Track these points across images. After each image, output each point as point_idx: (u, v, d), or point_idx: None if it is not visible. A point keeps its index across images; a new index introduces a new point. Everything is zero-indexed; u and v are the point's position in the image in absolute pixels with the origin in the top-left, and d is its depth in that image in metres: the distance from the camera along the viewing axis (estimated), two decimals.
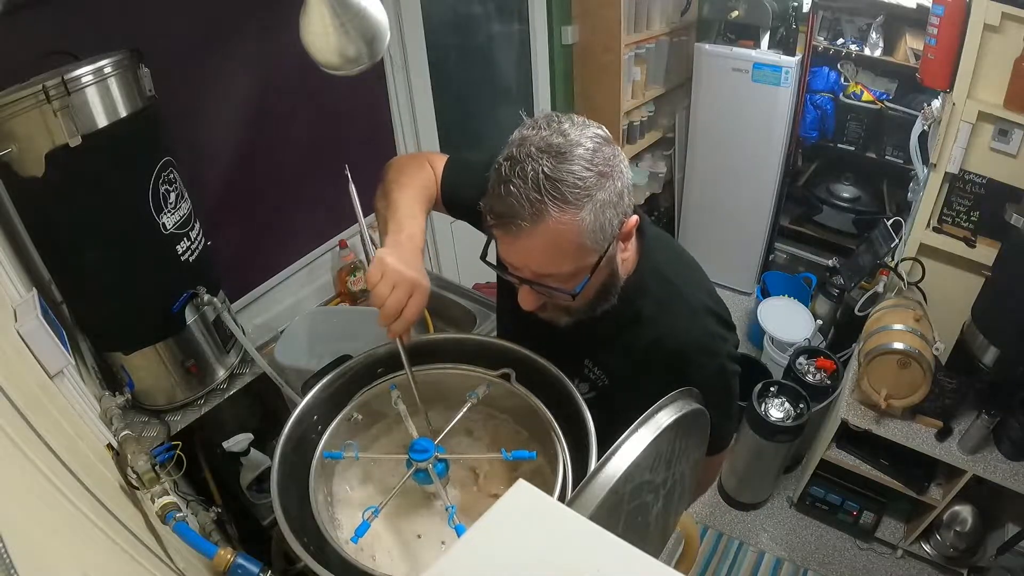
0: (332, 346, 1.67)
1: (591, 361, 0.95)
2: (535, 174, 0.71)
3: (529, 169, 0.71)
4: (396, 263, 0.78)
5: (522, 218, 0.72)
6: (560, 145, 0.73)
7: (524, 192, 0.71)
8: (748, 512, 2.49)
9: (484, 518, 0.53)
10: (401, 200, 0.91)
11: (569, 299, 0.80)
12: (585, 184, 0.72)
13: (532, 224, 0.72)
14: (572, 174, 0.72)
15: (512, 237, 0.75)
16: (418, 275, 0.79)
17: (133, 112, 1.04)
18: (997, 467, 1.88)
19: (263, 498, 1.35)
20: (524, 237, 0.74)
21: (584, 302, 0.84)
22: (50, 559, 0.51)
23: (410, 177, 0.96)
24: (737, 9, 2.68)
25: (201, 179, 1.40)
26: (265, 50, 1.54)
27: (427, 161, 1.03)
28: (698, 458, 0.92)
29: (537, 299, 0.84)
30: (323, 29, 0.89)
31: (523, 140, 0.75)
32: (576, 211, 0.72)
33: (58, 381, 0.90)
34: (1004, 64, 1.76)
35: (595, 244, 0.77)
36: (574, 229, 0.73)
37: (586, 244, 0.76)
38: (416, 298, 0.79)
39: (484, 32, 2.34)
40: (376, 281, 0.78)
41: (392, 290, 0.77)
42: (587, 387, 0.97)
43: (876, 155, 2.80)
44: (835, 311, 2.63)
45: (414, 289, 0.78)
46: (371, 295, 0.78)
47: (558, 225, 0.72)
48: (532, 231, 0.73)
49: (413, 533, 0.84)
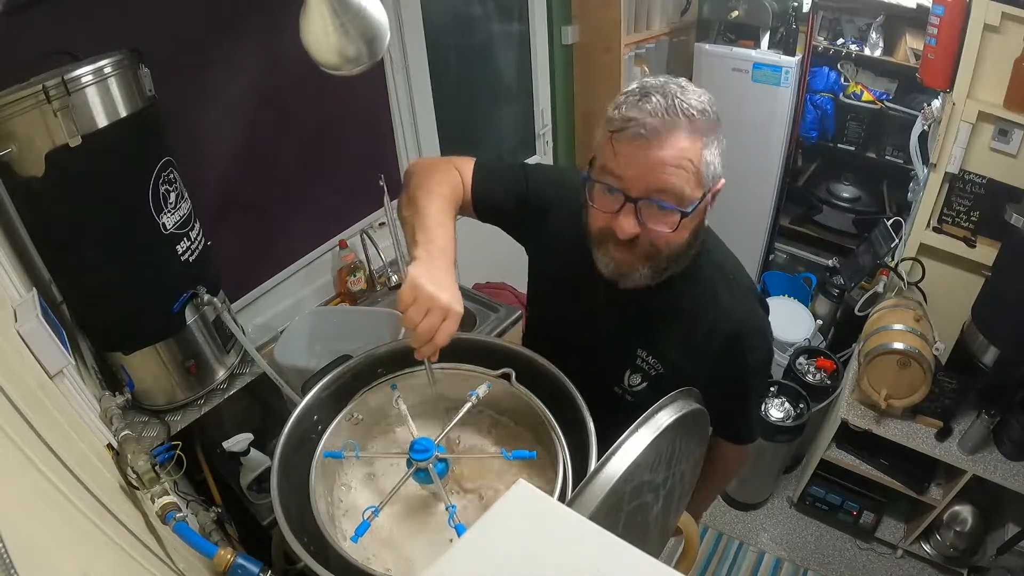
0: (332, 346, 1.67)
1: (645, 351, 0.96)
2: (671, 94, 0.77)
3: (665, 90, 0.78)
4: (430, 285, 0.75)
5: (658, 124, 0.76)
6: (684, 86, 0.80)
7: (661, 104, 0.76)
8: (748, 512, 2.49)
9: (484, 518, 0.53)
10: (430, 207, 0.89)
11: (675, 224, 0.80)
12: (708, 117, 0.78)
13: (665, 133, 0.76)
14: (700, 103, 0.78)
15: (640, 144, 0.77)
16: (451, 299, 0.76)
17: (133, 112, 1.04)
18: (997, 467, 1.88)
19: (263, 498, 1.35)
20: (653, 146, 0.77)
21: (675, 248, 0.85)
22: (50, 559, 0.51)
23: (437, 183, 0.94)
24: (737, 9, 2.68)
25: (201, 179, 1.40)
26: (265, 50, 1.54)
27: (452, 165, 1.00)
28: (699, 457, 0.93)
29: (636, 225, 0.82)
30: (323, 29, 0.89)
31: (646, 81, 0.81)
32: (699, 137, 0.78)
33: (58, 381, 0.90)
34: (1004, 64, 1.76)
35: (704, 178, 0.80)
36: (696, 152, 0.78)
37: (701, 173, 0.79)
38: (448, 324, 0.76)
39: (484, 32, 2.34)
40: (408, 304, 0.75)
41: (425, 316, 0.75)
42: (639, 378, 0.97)
43: (876, 155, 2.80)
44: (835, 311, 2.63)
45: (447, 315, 0.76)
46: (402, 316, 0.76)
47: (686, 142, 0.77)
48: (662, 140, 0.76)
49: (413, 533, 0.84)
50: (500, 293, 2.16)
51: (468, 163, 1.02)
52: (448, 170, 0.98)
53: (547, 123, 2.68)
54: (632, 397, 0.98)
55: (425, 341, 0.76)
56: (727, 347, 0.92)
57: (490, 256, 2.29)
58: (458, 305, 0.77)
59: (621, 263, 0.87)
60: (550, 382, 0.89)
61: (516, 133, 2.62)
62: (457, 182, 0.98)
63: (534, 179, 1.02)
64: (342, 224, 1.94)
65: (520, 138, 2.63)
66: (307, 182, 1.79)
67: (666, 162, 0.77)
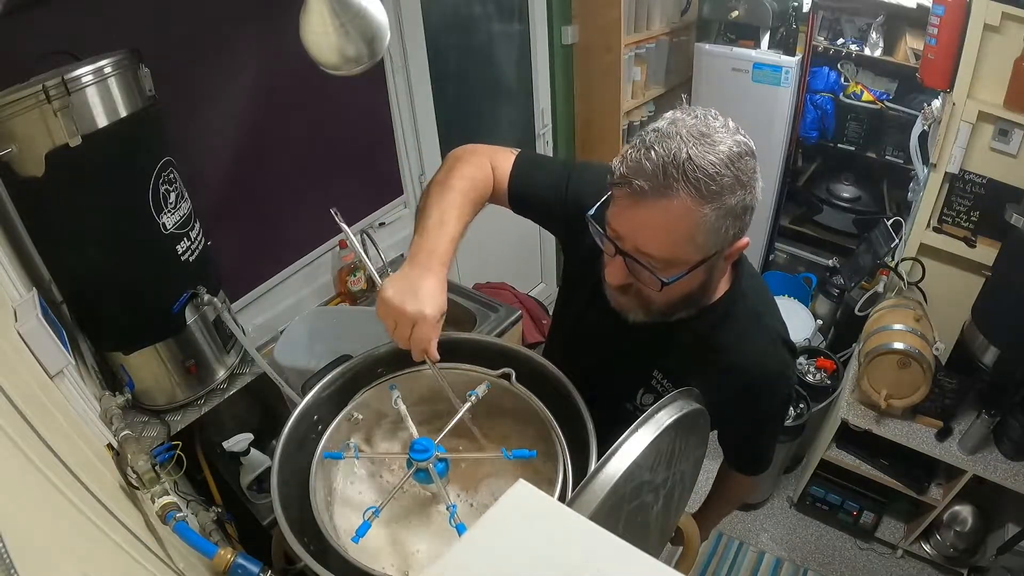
0: (332, 346, 1.67)
1: (661, 373, 0.94)
2: (678, 151, 0.70)
3: (673, 145, 0.71)
4: (395, 296, 0.77)
5: (651, 186, 0.71)
6: (710, 137, 0.72)
7: (663, 163, 0.70)
8: (748, 512, 2.49)
9: (484, 518, 0.53)
10: (435, 207, 0.88)
11: (657, 287, 0.78)
12: (720, 181, 0.71)
13: (656, 196, 0.71)
14: (713, 166, 0.70)
15: (631, 202, 0.74)
16: (419, 306, 0.77)
17: (133, 112, 1.04)
18: (997, 467, 1.88)
19: (263, 498, 1.35)
20: (644, 207, 0.73)
21: (666, 301, 0.83)
22: (50, 559, 0.51)
23: (459, 177, 0.92)
24: (737, 9, 2.68)
25: (201, 179, 1.40)
26: (265, 50, 1.54)
27: (488, 156, 0.98)
28: (699, 457, 0.93)
29: (626, 276, 0.81)
30: (323, 29, 0.89)
31: (675, 120, 0.74)
32: (702, 203, 0.71)
33: (58, 381, 0.90)
34: (1004, 64, 1.76)
35: (705, 244, 0.75)
36: (693, 220, 0.72)
37: (697, 240, 0.74)
38: (420, 329, 0.77)
39: (484, 32, 2.34)
40: (382, 316, 0.79)
41: (396, 325, 0.78)
42: (652, 398, 0.96)
43: (876, 155, 2.80)
44: (835, 311, 2.63)
45: (415, 321, 0.77)
46: None
47: (680, 208, 0.71)
48: (654, 203, 0.72)
49: (413, 533, 0.84)
50: (500, 293, 2.16)
51: (508, 155, 0.99)
52: (478, 163, 0.96)
53: (547, 123, 2.68)
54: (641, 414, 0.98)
55: (405, 346, 0.79)
56: (745, 390, 0.90)
57: (490, 256, 2.30)
58: (427, 309, 0.77)
59: (618, 302, 0.87)
60: (550, 382, 0.89)
61: (516, 133, 2.62)
62: (485, 176, 0.96)
63: (576, 180, 0.98)
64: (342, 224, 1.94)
65: (520, 138, 2.63)
66: (307, 182, 1.79)
67: (655, 227, 0.74)
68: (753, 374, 0.90)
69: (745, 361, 0.90)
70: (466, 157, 0.96)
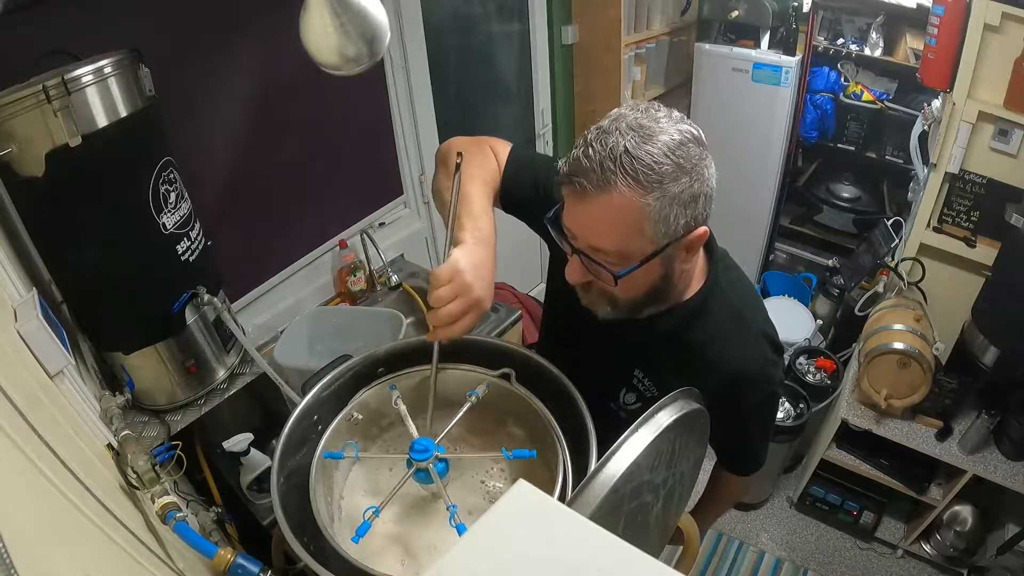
0: (332, 346, 1.68)
1: (642, 372, 0.94)
2: (615, 145, 0.72)
3: (612, 140, 0.72)
4: (470, 272, 0.76)
5: (590, 182, 0.72)
6: (649, 128, 0.73)
7: (600, 158, 0.72)
8: (748, 512, 2.49)
9: (484, 518, 0.53)
10: (474, 192, 0.88)
11: (611, 281, 0.78)
12: (659, 170, 0.72)
13: (597, 191, 0.72)
14: (650, 155, 0.71)
15: (576, 199, 0.75)
16: (484, 293, 0.77)
17: (133, 112, 1.04)
18: (997, 467, 1.88)
19: (263, 498, 1.35)
20: (587, 202, 0.74)
21: (629, 296, 0.83)
22: (50, 559, 0.51)
23: (479, 168, 0.92)
24: (737, 9, 2.68)
25: (201, 179, 1.40)
26: (265, 50, 1.54)
27: (490, 148, 0.98)
28: (699, 457, 0.92)
29: (583, 273, 0.81)
30: (323, 29, 0.89)
31: (618, 116, 0.76)
32: (643, 193, 0.72)
33: (58, 381, 0.90)
34: (1004, 64, 1.76)
35: (654, 235, 0.75)
36: (636, 210, 0.72)
37: (644, 230, 0.74)
38: (471, 316, 0.77)
39: (484, 32, 2.34)
40: (443, 283, 0.75)
41: (454, 299, 0.76)
42: (634, 397, 0.96)
43: (876, 155, 2.80)
44: (835, 311, 2.63)
45: (474, 307, 0.76)
46: (431, 293, 0.76)
47: (621, 200, 0.72)
48: (595, 197, 0.73)
49: (414, 533, 0.84)
50: (500, 293, 2.16)
51: (504, 148, 0.99)
52: (487, 156, 0.97)
53: (547, 123, 2.68)
54: (626, 415, 0.97)
55: (444, 324, 0.77)
56: (726, 387, 0.88)
57: None
58: (488, 301, 0.77)
59: (586, 299, 0.87)
60: (550, 382, 0.89)
61: (516, 133, 2.62)
62: (494, 168, 0.96)
63: None
64: (342, 224, 1.94)
65: (520, 138, 2.63)
66: (307, 182, 1.79)
67: (599, 222, 0.75)
68: (730, 372, 0.89)
69: (722, 358, 0.89)
70: (474, 148, 0.96)
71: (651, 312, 0.87)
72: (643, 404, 0.95)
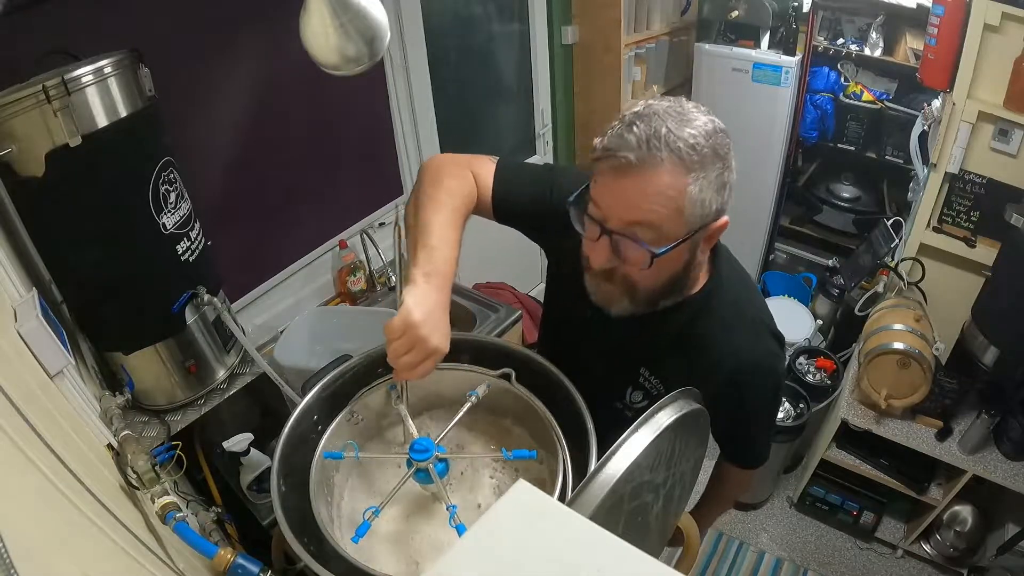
0: (332, 346, 1.68)
1: (648, 370, 0.95)
2: (658, 126, 0.73)
3: (654, 122, 0.73)
4: (422, 323, 0.74)
5: (637, 156, 0.73)
6: (685, 114, 0.75)
7: (645, 136, 0.73)
8: (748, 512, 2.49)
9: (484, 518, 0.53)
10: (434, 220, 0.86)
11: (646, 261, 0.77)
12: (700, 152, 0.73)
13: (642, 166, 0.73)
14: (692, 137, 0.73)
15: (617, 174, 0.75)
16: (439, 341, 0.76)
17: (133, 112, 1.04)
18: (997, 467, 1.88)
19: (263, 498, 1.35)
20: (631, 176, 0.74)
21: (649, 285, 0.83)
22: (50, 559, 0.51)
23: (447, 192, 0.90)
24: (737, 9, 2.68)
25: (201, 179, 1.39)
26: (265, 50, 1.54)
27: (468, 167, 0.96)
28: (699, 457, 0.92)
29: (610, 257, 0.80)
30: (323, 29, 0.89)
31: (650, 104, 0.77)
32: (685, 173, 0.73)
33: (58, 381, 0.90)
34: (1004, 64, 1.76)
35: (690, 216, 0.76)
36: (678, 189, 0.74)
37: (683, 211, 0.75)
38: (429, 364, 0.76)
39: (484, 32, 2.34)
40: (396, 336, 0.75)
41: (408, 352, 0.75)
42: (641, 396, 0.96)
43: (876, 155, 2.80)
44: (835, 311, 2.63)
45: (431, 355, 0.76)
46: (387, 345, 0.76)
47: (665, 177, 0.73)
48: (640, 172, 0.73)
49: (413, 533, 0.84)
50: (500, 293, 2.16)
51: (487, 164, 0.98)
52: (462, 175, 0.94)
53: (547, 123, 2.68)
54: (631, 413, 0.97)
55: (403, 371, 0.77)
56: (731, 381, 0.89)
57: (490, 256, 2.29)
58: (445, 346, 0.76)
59: (602, 292, 0.86)
60: (550, 382, 0.89)
61: (516, 133, 2.62)
62: (470, 189, 0.94)
63: (559, 185, 0.97)
64: (342, 224, 1.94)
65: (520, 138, 2.63)
66: (307, 182, 1.79)
67: (643, 197, 0.74)
68: (737, 365, 0.90)
69: (728, 352, 0.89)
70: (447, 169, 0.94)
71: (666, 304, 0.87)
72: (650, 402, 0.94)
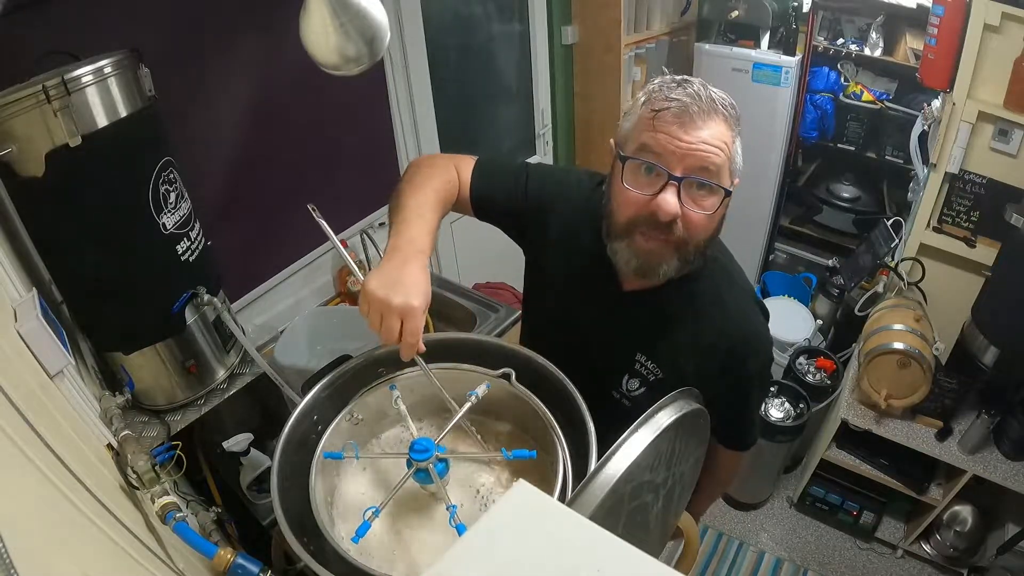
0: (332, 346, 1.67)
1: (644, 355, 0.95)
2: (699, 87, 0.81)
3: (690, 84, 0.81)
4: (379, 288, 0.75)
5: (700, 106, 0.79)
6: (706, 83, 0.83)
7: (697, 91, 0.80)
8: (748, 512, 2.49)
9: (484, 518, 0.53)
10: (410, 200, 0.89)
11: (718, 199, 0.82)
12: (736, 112, 0.82)
13: (704, 115, 0.79)
14: (727, 98, 0.82)
15: (685, 121, 0.79)
16: (405, 297, 0.75)
17: (133, 112, 1.03)
18: (997, 467, 1.88)
19: (263, 498, 1.35)
20: (698, 124, 0.79)
21: (701, 238, 0.86)
22: (50, 559, 0.51)
23: (428, 177, 0.94)
24: (737, 9, 2.68)
25: (201, 179, 1.40)
26: (265, 50, 1.54)
27: (452, 162, 1.00)
28: (699, 457, 0.93)
29: (676, 204, 0.82)
30: (323, 29, 0.89)
31: (671, 76, 0.84)
32: (733, 127, 0.82)
33: (58, 381, 0.89)
34: (1004, 64, 1.76)
35: (734, 169, 0.83)
36: (731, 139, 0.82)
37: (735, 160, 0.83)
38: (409, 322, 0.76)
39: (484, 32, 2.34)
40: (365, 312, 0.77)
41: (381, 320, 0.76)
42: (637, 383, 0.97)
43: (876, 155, 2.80)
44: (835, 311, 2.63)
45: (404, 313, 0.75)
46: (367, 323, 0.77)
47: (724, 126, 0.81)
48: (705, 121, 0.79)
49: (414, 533, 0.84)
50: (500, 293, 2.16)
51: (469, 161, 1.01)
52: (445, 167, 0.98)
53: (547, 123, 2.68)
54: (629, 402, 0.97)
55: (394, 343, 0.77)
56: (729, 353, 0.91)
57: (490, 256, 2.29)
58: (414, 300, 0.75)
59: (651, 253, 0.86)
60: (550, 382, 0.89)
61: (516, 133, 2.62)
62: (452, 178, 0.97)
63: (535, 177, 1.01)
64: (342, 224, 1.94)
65: (520, 138, 2.63)
66: (307, 182, 1.79)
67: (708, 141, 0.79)
68: (736, 337, 0.92)
69: (727, 324, 0.92)
70: (431, 163, 0.98)
71: (696, 265, 0.89)
72: (647, 389, 0.96)
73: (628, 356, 0.96)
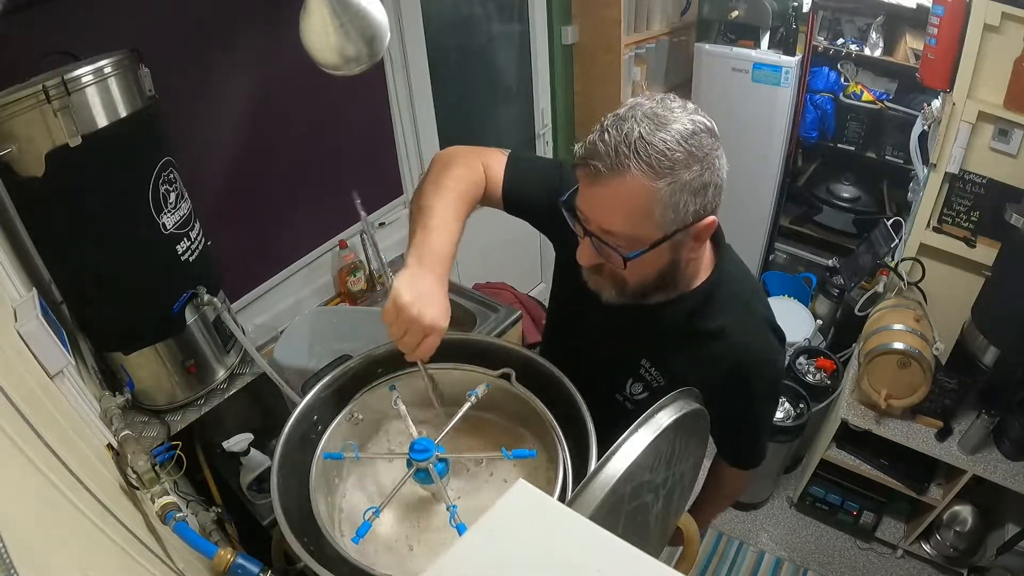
0: (332, 346, 1.67)
1: (649, 362, 0.95)
2: (630, 131, 0.74)
3: (627, 126, 0.74)
4: (412, 304, 0.75)
5: (604, 165, 0.74)
6: (664, 117, 0.75)
7: (615, 143, 0.74)
8: (748, 512, 2.49)
9: (484, 518, 0.53)
10: (436, 206, 0.87)
11: (621, 264, 0.80)
12: (672, 157, 0.73)
13: (610, 174, 0.74)
14: (664, 143, 0.73)
15: (590, 182, 0.77)
16: (433, 320, 0.76)
17: (133, 112, 1.04)
18: (997, 467, 1.88)
19: (263, 498, 1.35)
20: (600, 185, 0.76)
21: (638, 281, 0.84)
22: (50, 559, 0.51)
23: (453, 179, 0.92)
24: (737, 9, 2.68)
25: (201, 179, 1.40)
26: (265, 50, 1.54)
27: (479, 159, 0.98)
28: (699, 457, 0.93)
29: (593, 255, 0.83)
30: (323, 29, 0.89)
31: (635, 104, 0.78)
32: (655, 179, 0.73)
33: (58, 381, 0.89)
34: (1004, 64, 1.76)
35: (663, 220, 0.76)
36: (647, 195, 0.74)
37: (654, 215, 0.76)
38: (430, 340, 0.77)
39: (484, 32, 2.34)
40: (391, 320, 0.76)
41: (405, 333, 0.76)
42: (641, 387, 0.96)
43: (876, 155, 2.80)
44: (835, 311, 2.63)
45: (429, 332, 0.76)
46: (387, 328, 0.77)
47: (634, 183, 0.74)
48: (608, 181, 0.75)
49: (414, 533, 0.84)
50: (500, 293, 2.16)
51: (498, 156, 0.99)
52: (471, 164, 0.96)
53: (547, 123, 2.68)
54: (632, 405, 0.97)
55: (409, 351, 0.78)
56: (733, 375, 0.90)
57: (490, 256, 2.30)
58: (442, 321, 0.77)
59: (593, 282, 0.88)
60: (550, 382, 0.89)
61: (516, 133, 2.62)
62: (478, 178, 0.96)
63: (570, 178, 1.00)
64: (342, 224, 1.94)
65: (520, 138, 2.63)
66: (307, 182, 1.79)
67: (612, 204, 0.76)
68: (739, 359, 0.90)
69: (731, 346, 0.90)
70: (457, 159, 0.96)
71: (659, 299, 0.88)
72: (650, 394, 0.96)
73: (634, 360, 0.96)
